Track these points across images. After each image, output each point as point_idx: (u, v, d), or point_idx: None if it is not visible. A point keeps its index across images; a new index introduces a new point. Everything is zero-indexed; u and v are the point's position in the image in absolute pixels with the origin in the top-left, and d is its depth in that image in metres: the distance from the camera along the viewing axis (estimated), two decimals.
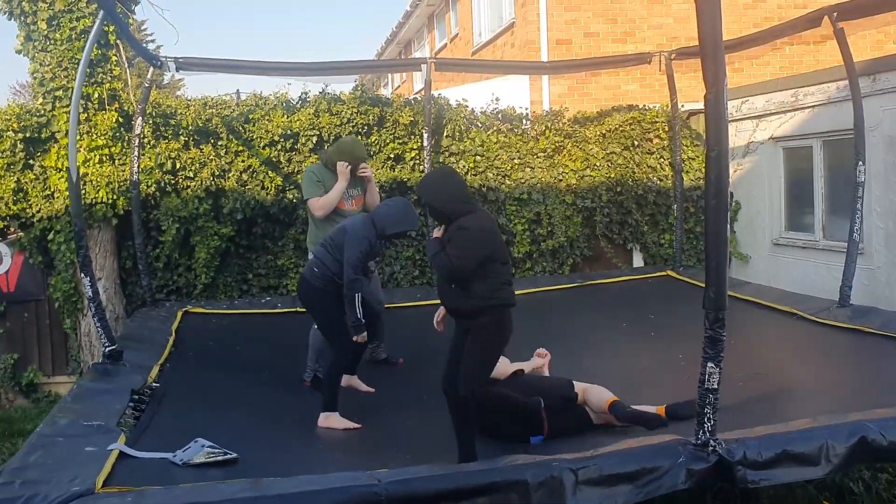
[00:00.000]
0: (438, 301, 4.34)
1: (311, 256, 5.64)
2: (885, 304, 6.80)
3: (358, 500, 2.93)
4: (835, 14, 6.20)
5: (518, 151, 8.70)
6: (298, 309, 7.47)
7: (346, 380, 5.32)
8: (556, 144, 8.85)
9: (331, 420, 4.88)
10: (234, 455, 3.85)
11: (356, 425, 4.82)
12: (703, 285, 3.20)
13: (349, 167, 5.78)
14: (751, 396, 4.69)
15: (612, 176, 8.87)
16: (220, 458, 3.81)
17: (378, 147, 8.30)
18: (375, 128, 8.27)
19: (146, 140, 7.61)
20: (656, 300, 7.61)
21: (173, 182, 7.79)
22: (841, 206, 7.54)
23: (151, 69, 7.21)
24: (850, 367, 5.48)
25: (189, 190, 7.77)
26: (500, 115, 8.93)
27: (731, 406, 4.06)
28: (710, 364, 3.08)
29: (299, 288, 5.36)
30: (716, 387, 3.10)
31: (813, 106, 8.12)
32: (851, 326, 5.80)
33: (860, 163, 6.29)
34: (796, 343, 6.01)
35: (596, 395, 4.56)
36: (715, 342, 3.08)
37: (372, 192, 6.06)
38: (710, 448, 3.13)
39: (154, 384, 5.13)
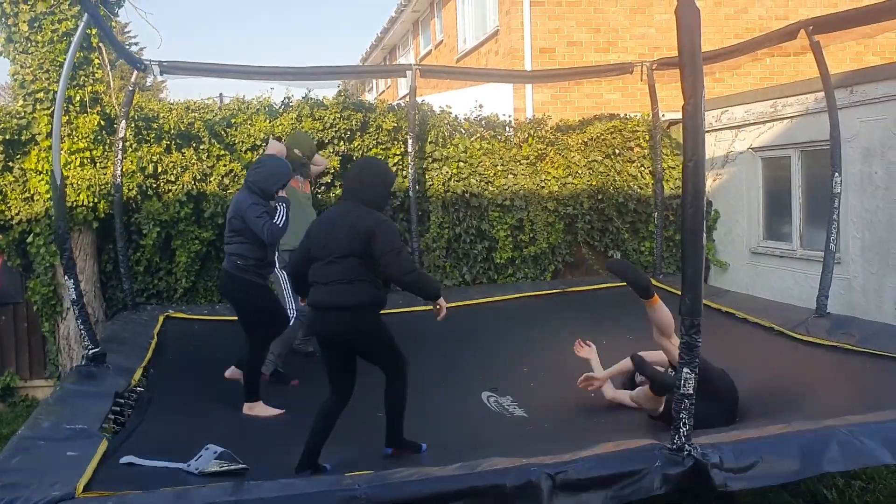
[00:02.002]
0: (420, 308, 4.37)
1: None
2: (861, 313, 6.89)
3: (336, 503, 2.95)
4: (810, 27, 6.31)
5: (501, 158, 8.75)
6: None
7: (232, 372, 5.46)
8: (539, 152, 8.91)
9: (256, 409, 5.18)
10: (245, 465, 3.84)
11: (279, 411, 5.15)
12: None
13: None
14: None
15: (594, 183, 8.94)
16: (231, 467, 3.81)
17: (361, 152, 8.31)
18: (358, 133, 8.29)
19: (128, 143, 7.59)
20: (636, 307, 7.65)
21: (155, 186, 7.76)
22: (818, 216, 7.64)
23: (135, 72, 7.20)
24: (825, 379, 5.55)
25: (170, 194, 7.75)
26: (483, 122, 8.98)
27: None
28: (685, 369, 3.13)
29: (223, 283, 5.54)
30: (691, 392, 3.14)
31: (791, 117, 8.23)
32: (829, 343, 5.84)
33: (836, 173, 6.38)
34: (773, 356, 6.06)
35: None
36: (691, 348, 3.12)
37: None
38: (686, 452, 3.17)
39: (138, 387, 5.13)
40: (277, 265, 5.60)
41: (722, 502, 4.92)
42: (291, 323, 5.53)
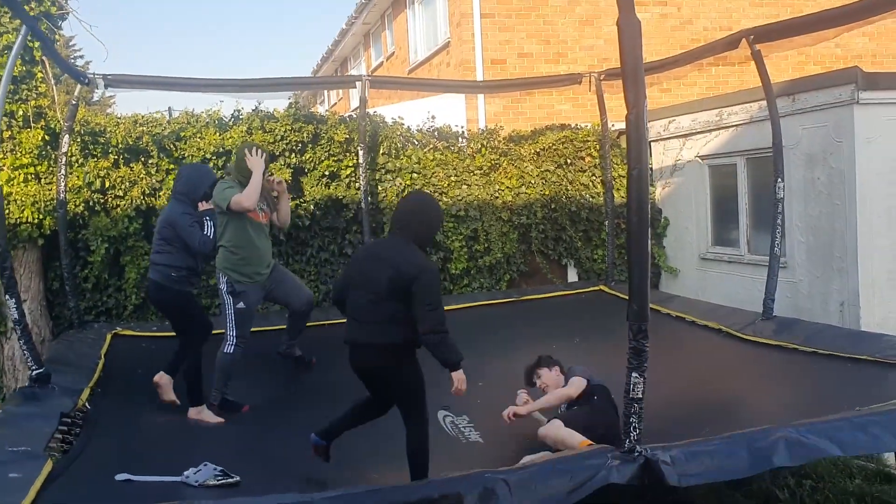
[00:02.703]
0: None
1: (220, 276, 5.61)
2: (807, 316, 7.06)
3: None
4: (752, 36, 6.47)
5: (455, 169, 8.79)
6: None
7: (160, 377, 5.52)
8: (492, 162, 8.96)
9: (203, 414, 5.32)
10: (238, 478, 4.06)
11: (221, 420, 5.30)
12: None
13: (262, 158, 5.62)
14: (677, 410, 4.82)
15: (547, 193, 9.03)
16: (229, 480, 4.05)
17: (313, 164, 8.28)
18: (310, 145, 8.26)
19: (74, 158, 7.46)
20: (589, 315, 7.75)
21: (102, 201, 7.63)
22: (764, 222, 7.81)
23: (78, 86, 7.08)
24: (773, 380, 5.66)
25: (119, 209, 7.62)
26: (436, 133, 9.01)
27: (658, 420, 4.15)
28: (634, 374, 3.17)
29: (153, 293, 5.64)
30: (640, 396, 3.18)
31: (737, 125, 8.41)
32: (775, 343, 5.99)
33: (779, 180, 6.54)
34: (721, 358, 6.17)
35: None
36: (639, 353, 3.16)
37: (283, 205, 5.91)
38: (637, 454, 3.20)
39: (86, 407, 5.02)
40: (224, 288, 5.53)
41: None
42: (233, 351, 5.49)
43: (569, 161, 9.22)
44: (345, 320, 4.33)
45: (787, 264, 7.52)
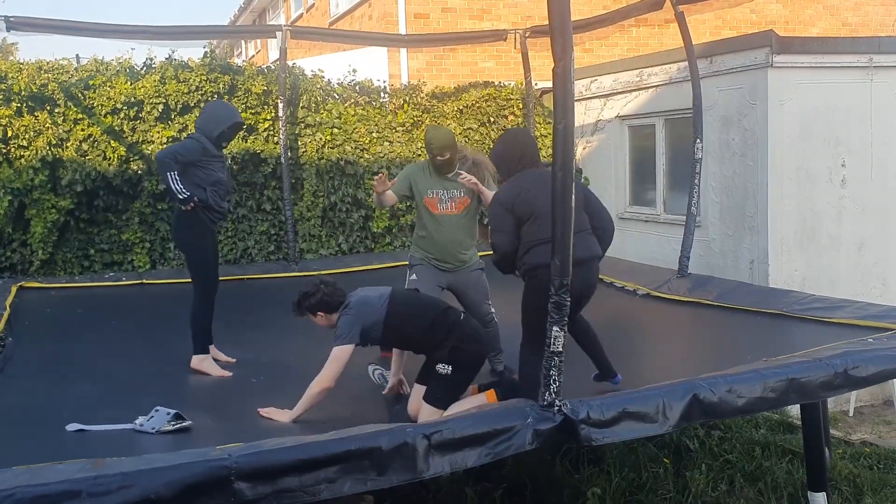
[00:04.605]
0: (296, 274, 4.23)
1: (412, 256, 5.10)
2: (719, 273, 7.29)
3: (206, 476, 2.83)
4: None
5: (376, 125, 8.66)
6: (144, 281, 7.22)
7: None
8: (415, 119, 8.86)
9: (204, 364, 4.99)
10: (190, 422, 3.90)
11: (227, 373, 4.97)
12: None
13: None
14: (594, 367, 4.91)
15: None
16: (184, 424, 3.89)
17: None
18: (226, 97, 7.98)
19: None
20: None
21: (5, 151, 7.25)
22: (680, 182, 7.99)
23: None
24: (686, 336, 5.85)
25: (23, 160, 7.25)
26: (357, 88, 8.84)
27: (577, 374, 4.22)
28: (555, 328, 3.19)
29: (175, 230, 5.32)
30: (560, 350, 3.21)
31: (656, 86, 8.53)
32: (689, 299, 6.16)
33: (698, 140, 6.67)
34: (638, 316, 6.33)
35: None
36: (559, 307, 3.18)
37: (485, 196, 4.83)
38: (556, 408, 3.24)
39: None
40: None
41: (593, 458, 5.14)
42: None
43: (492, 119, 9.20)
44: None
45: (701, 223, 7.72)
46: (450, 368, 4.01)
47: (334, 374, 3.99)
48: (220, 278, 5.36)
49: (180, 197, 4.79)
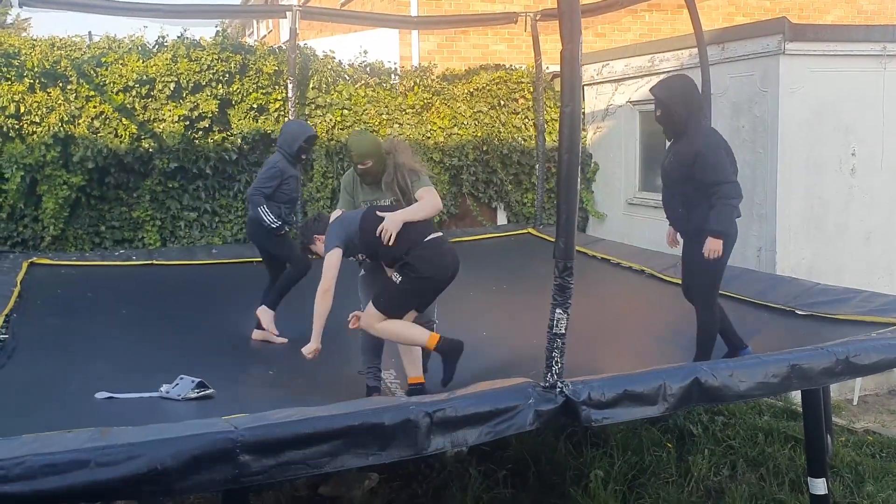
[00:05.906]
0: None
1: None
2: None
3: (212, 447, 2.87)
4: None
5: (386, 107, 8.67)
6: (155, 262, 7.27)
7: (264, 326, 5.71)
8: (425, 101, 8.87)
9: (265, 316, 5.66)
10: (213, 391, 4.19)
11: (283, 340, 5.58)
12: None
13: None
14: (599, 347, 4.94)
15: (479, 135, 9.00)
16: (207, 392, 4.16)
17: (240, 96, 8.05)
18: (237, 76, 8.02)
19: None
20: (517, 256, 7.85)
21: (17, 127, 7.31)
22: None
23: None
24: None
25: (35, 136, 7.31)
26: (368, 69, 8.85)
27: (580, 355, 4.25)
28: (558, 310, 3.21)
29: (253, 235, 6.02)
30: (563, 332, 3.23)
31: (668, 71, 8.47)
32: None
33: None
34: (644, 296, 6.35)
35: None
36: (563, 289, 3.21)
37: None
38: (558, 389, 3.27)
39: (2, 336, 4.90)
40: None
41: (596, 440, 5.18)
42: None
43: (502, 102, 9.19)
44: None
45: None
46: (399, 278, 4.27)
47: (331, 277, 4.33)
48: (232, 260, 6.36)
49: (273, 227, 5.69)
